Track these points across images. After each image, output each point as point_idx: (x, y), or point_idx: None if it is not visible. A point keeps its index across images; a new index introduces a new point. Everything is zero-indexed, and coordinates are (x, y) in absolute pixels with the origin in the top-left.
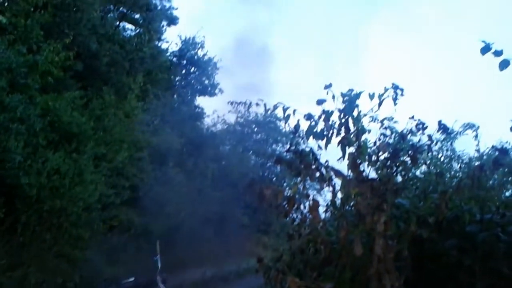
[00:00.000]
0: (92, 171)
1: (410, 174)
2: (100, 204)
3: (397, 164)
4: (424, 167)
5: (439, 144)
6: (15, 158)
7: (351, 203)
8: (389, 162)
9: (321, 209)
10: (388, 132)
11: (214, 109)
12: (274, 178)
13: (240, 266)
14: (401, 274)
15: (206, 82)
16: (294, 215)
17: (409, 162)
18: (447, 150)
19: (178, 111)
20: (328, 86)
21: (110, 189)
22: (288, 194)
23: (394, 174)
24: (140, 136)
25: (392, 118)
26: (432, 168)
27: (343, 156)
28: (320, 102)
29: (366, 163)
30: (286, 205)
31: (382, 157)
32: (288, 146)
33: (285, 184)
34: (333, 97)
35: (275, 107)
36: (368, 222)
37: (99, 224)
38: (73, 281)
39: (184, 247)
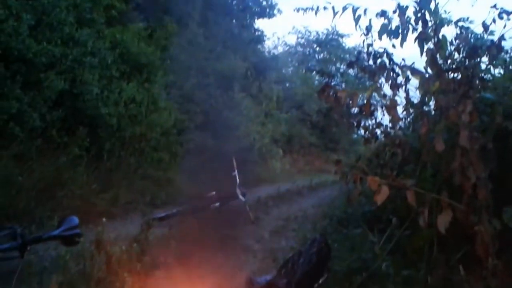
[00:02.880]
0: (165, 98)
1: (488, 76)
2: (175, 129)
3: (476, 62)
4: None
5: None
6: (92, 90)
7: (430, 102)
8: (467, 60)
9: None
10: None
11: (273, 32)
12: None
13: (312, 181)
14: (486, 166)
15: (264, 3)
16: (370, 121)
17: (494, 52)
18: None
19: (238, 36)
20: None
21: (183, 114)
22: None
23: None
24: (205, 63)
25: (467, 18)
26: None
27: (421, 53)
28: None
29: (443, 61)
30: (360, 112)
31: (460, 56)
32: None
33: None
34: None
35: (344, 8)
36: (452, 114)
37: (176, 148)
38: (160, 198)
39: (256, 166)
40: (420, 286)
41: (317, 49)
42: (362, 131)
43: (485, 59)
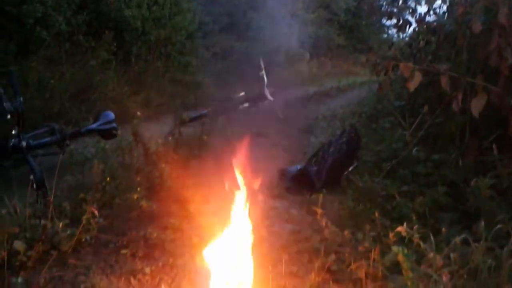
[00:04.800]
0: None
1: None
2: (200, 32)
3: None
4: None
5: None
6: None
7: None
8: None
9: None
10: None
11: None
12: None
13: (340, 83)
14: None
15: None
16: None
17: None
18: None
19: None
20: None
21: (207, 16)
22: None
23: None
24: None
25: None
26: None
27: None
28: None
29: None
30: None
31: None
32: None
33: None
34: None
35: None
36: None
37: (203, 51)
38: (190, 101)
39: (283, 69)
40: (451, 169)
41: None
42: (394, 21)
43: None
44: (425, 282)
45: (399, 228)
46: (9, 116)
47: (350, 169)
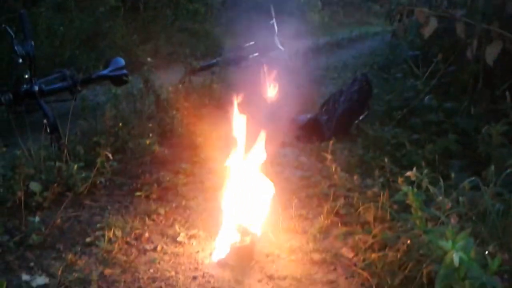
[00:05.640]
0: None
1: None
2: None
3: None
4: None
5: None
6: None
7: None
8: None
9: None
10: None
11: None
12: None
13: (352, 33)
14: None
15: None
16: None
17: None
18: None
19: None
20: None
21: None
22: None
23: None
24: None
25: None
26: None
27: None
28: None
29: None
30: None
31: None
32: None
33: None
34: None
35: None
36: None
37: None
38: (199, 50)
39: (294, 18)
40: (463, 117)
41: None
42: None
43: None
44: (433, 223)
45: (409, 173)
46: (20, 60)
47: (360, 117)
